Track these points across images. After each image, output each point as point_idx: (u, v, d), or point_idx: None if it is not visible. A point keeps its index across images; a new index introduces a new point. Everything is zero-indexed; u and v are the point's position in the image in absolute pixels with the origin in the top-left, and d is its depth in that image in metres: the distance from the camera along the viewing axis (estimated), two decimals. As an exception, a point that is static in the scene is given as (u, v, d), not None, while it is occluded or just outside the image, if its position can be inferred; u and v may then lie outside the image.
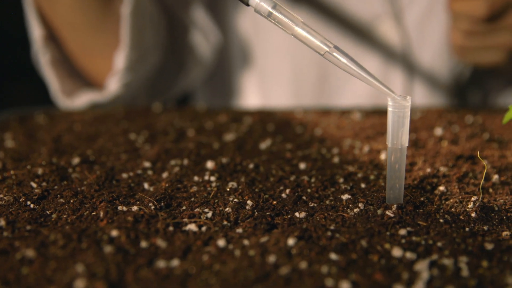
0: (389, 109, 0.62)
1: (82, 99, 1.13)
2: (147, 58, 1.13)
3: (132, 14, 1.03)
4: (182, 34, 1.23)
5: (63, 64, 1.13)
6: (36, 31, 1.09)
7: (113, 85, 1.12)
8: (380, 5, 1.19)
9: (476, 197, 0.66)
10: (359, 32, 1.22)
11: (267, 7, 0.63)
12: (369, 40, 1.22)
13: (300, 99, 1.28)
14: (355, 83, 1.24)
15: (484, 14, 0.97)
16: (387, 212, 0.62)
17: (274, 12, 0.63)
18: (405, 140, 0.63)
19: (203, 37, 1.23)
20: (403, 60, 1.23)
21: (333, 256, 0.54)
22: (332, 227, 0.60)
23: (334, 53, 0.62)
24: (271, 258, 0.53)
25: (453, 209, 0.65)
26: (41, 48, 1.10)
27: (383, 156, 0.80)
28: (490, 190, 0.70)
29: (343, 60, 0.62)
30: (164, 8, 1.20)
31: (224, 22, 1.31)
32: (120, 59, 1.08)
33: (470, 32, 1.03)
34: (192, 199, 0.68)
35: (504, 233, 0.60)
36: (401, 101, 0.62)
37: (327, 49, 0.62)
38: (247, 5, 0.65)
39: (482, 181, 0.68)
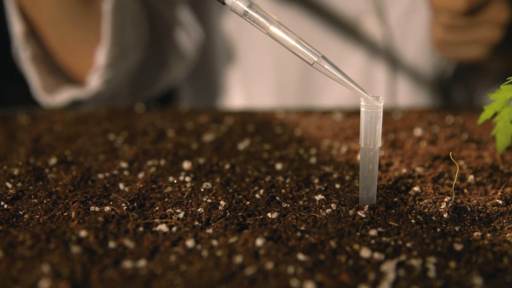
0: (362, 109, 0.62)
1: (63, 96, 1.13)
2: (128, 55, 1.13)
3: (113, 11, 1.03)
4: (165, 31, 1.23)
5: (44, 60, 1.13)
6: (16, 27, 1.09)
7: (94, 82, 1.12)
8: (364, 2, 1.19)
9: (449, 198, 0.66)
10: (344, 28, 1.22)
11: (243, 6, 0.63)
12: (353, 36, 1.22)
13: (284, 97, 1.28)
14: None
15: (463, 8, 0.98)
16: (358, 213, 0.62)
17: (250, 11, 0.63)
18: (378, 140, 0.63)
19: (185, 34, 1.23)
20: (386, 56, 1.23)
21: (301, 256, 0.54)
22: (302, 228, 0.60)
23: (304, 49, 0.62)
24: (238, 259, 0.53)
25: (426, 210, 0.65)
26: (21, 44, 1.09)
27: (360, 157, 0.79)
28: (465, 190, 0.70)
29: (314, 57, 0.62)
30: (146, 5, 1.19)
31: (208, 21, 1.31)
32: (101, 56, 1.08)
33: (450, 26, 1.03)
34: (166, 199, 0.68)
35: (476, 233, 0.60)
36: (374, 102, 0.62)
37: (300, 47, 0.62)
38: (223, 3, 0.65)
39: (454, 182, 0.68)
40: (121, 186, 0.72)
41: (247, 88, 1.32)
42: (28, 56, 1.10)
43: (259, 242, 0.56)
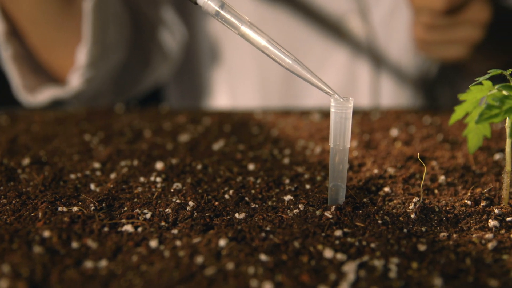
0: (332, 110, 0.62)
1: (44, 95, 1.13)
2: (110, 54, 1.13)
3: (94, 10, 1.03)
4: (148, 30, 1.23)
5: (26, 60, 1.12)
6: None
7: (75, 81, 1.11)
8: (347, 3, 1.20)
9: (417, 199, 0.66)
10: (328, 28, 1.22)
11: (215, 7, 0.63)
12: (337, 36, 1.23)
13: (267, 97, 1.29)
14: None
15: (443, 7, 0.98)
16: (325, 213, 0.62)
17: (221, 12, 0.63)
18: (347, 141, 0.63)
19: (169, 33, 1.23)
20: (370, 55, 1.23)
21: (263, 257, 0.54)
22: (268, 228, 0.59)
23: (275, 50, 0.62)
24: (199, 259, 0.53)
25: (394, 210, 0.65)
26: (3, 43, 1.09)
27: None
28: (436, 191, 0.70)
29: (286, 59, 0.62)
30: (128, 5, 1.19)
31: (193, 21, 1.31)
32: (82, 55, 1.08)
33: (431, 25, 1.03)
34: (135, 200, 0.68)
35: (442, 234, 0.60)
36: (343, 102, 0.62)
37: (272, 48, 0.63)
38: (195, 3, 0.65)
39: (422, 183, 0.68)
40: (92, 186, 0.72)
41: (232, 88, 1.32)
42: (9, 56, 1.10)
43: (222, 242, 0.56)
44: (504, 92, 0.61)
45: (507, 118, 0.61)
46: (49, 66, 1.14)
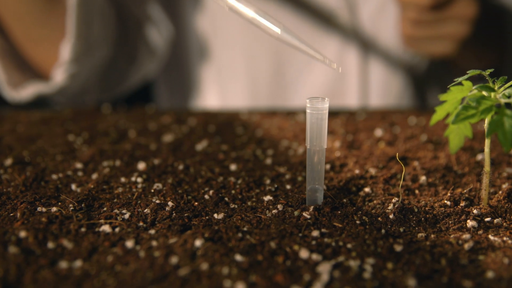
0: (308, 111, 0.62)
1: (28, 90, 1.12)
2: (95, 50, 1.13)
3: (78, 5, 1.02)
4: (134, 27, 1.22)
5: (10, 55, 1.12)
6: None
7: (59, 76, 1.11)
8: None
9: (397, 199, 0.66)
10: (317, 22, 1.22)
11: None
12: (325, 33, 1.23)
13: (256, 96, 1.29)
14: (310, 77, 1.25)
15: (429, 3, 0.98)
16: (304, 214, 0.62)
17: None
18: (323, 141, 0.63)
19: (155, 30, 1.23)
20: (358, 50, 1.23)
21: (238, 257, 0.54)
22: (245, 229, 0.59)
23: (264, 20, 0.63)
24: (174, 259, 0.53)
25: (373, 211, 0.65)
26: None
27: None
28: (416, 191, 0.70)
29: (275, 29, 0.63)
30: (115, 1, 1.19)
31: (182, 19, 1.32)
32: (66, 50, 1.08)
33: (418, 21, 1.04)
34: (115, 200, 0.68)
35: (420, 234, 0.60)
36: (319, 103, 0.62)
37: (259, 18, 0.63)
38: None
39: (401, 183, 0.68)
40: (73, 186, 0.72)
41: (221, 87, 1.32)
42: None
43: (198, 243, 0.56)
44: (484, 93, 0.61)
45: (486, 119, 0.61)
46: (34, 62, 1.13)
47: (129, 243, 0.57)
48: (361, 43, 1.23)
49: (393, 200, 0.66)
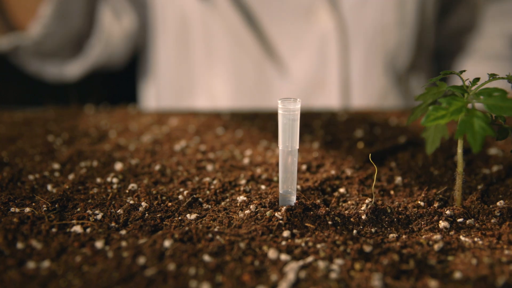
0: (279, 111, 0.62)
1: (5, 40, 1.22)
2: (69, 16, 1.23)
3: None
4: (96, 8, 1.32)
5: None
6: None
7: (35, 29, 1.21)
8: None
9: (370, 200, 0.66)
10: (298, 17, 1.23)
11: None
12: (306, 25, 1.23)
13: (241, 97, 1.29)
14: (293, 66, 1.25)
15: None
16: (276, 214, 0.62)
17: None
18: (295, 142, 0.63)
19: (114, 17, 1.26)
20: (339, 45, 1.23)
21: (207, 258, 0.54)
22: (216, 229, 0.59)
23: None
24: (141, 260, 0.53)
25: (346, 212, 0.64)
26: None
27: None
28: (391, 192, 0.70)
29: None
30: None
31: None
32: (46, 9, 1.18)
33: None
34: (90, 200, 0.68)
35: (391, 235, 0.60)
36: (291, 104, 0.62)
37: None
38: None
39: (374, 184, 0.68)
40: (49, 187, 0.72)
41: (210, 89, 1.32)
42: None
43: (167, 243, 0.56)
44: (457, 93, 0.62)
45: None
46: (14, 15, 1.23)
47: (99, 244, 0.57)
48: (341, 35, 1.23)
49: (366, 201, 0.66)
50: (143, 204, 0.66)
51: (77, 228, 0.60)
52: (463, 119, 0.58)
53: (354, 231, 0.61)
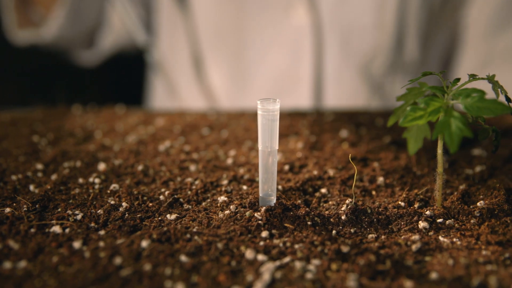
0: (259, 112, 0.62)
1: (24, 34, 1.33)
2: (83, 16, 1.33)
3: None
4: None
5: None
6: None
7: (51, 29, 1.31)
8: None
9: (350, 200, 0.66)
10: (277, 11, 1.23)
11: None
12: (284, 19, 1.23)
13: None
14: (268, 59, 1.25)
15: None
16: (255, 215, 0.62)
17: None
18: (275, 142, 0.63)
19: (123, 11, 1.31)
20: (313, 41, 1.22)
21: (183, 258, 0.54)
22: (194, 230, 0.60)
23: None
24: (118, 260, 0.53)
25: (327, 212, 0.65)
26: None
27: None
28: (373, 192, 0.71)
29: None
30: None
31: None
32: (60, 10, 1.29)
33: None
34: (71, 201, 0.68)
35: (370, 235, 0.60)
36: (270, 105, 0.62)
37: None
38: None
39: (354, 185, 0.68)
40: (32, 187, 0.72)
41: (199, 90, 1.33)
42: None
43: (144, 243, 0.56)
44: (438, 94, 0.62)
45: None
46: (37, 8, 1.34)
47: (77, 244, 0.57)
48: (318, 32, 1.22)
49: (347, 201, 0.66)
50: (124, 204, 0.66)
51: (56, 229, 0.60)
52: (441, 119, 0.58)
53: (334, 232, 0.61)
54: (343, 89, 1.26)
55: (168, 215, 0.64)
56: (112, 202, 0.66)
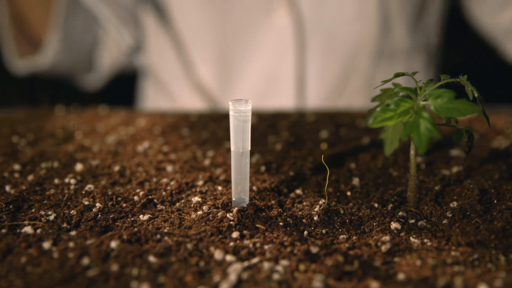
0: (230, 113, 0.63)
1: (22, 64, 1.34)
2: (76, 41, 1.34)
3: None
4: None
5: (16, 29, 1.32)
6: None
7: (47, 56, 1.33)
8: None
9: (323, 201, 0.66)
10: (260, 12, 1.23)
11: None
12: (267, 20, 1.23)
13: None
14: (251, 60, 1.25)
15: None
16: (227, 215, 0.62)
17: None
18: (247, 143, 0.63)
19: (115, 33, 1.30)
20: (296, 40, 1.22)
21: (152, 259, 0.54)
22: (166, 230, 0.60)
23: None
24: (86, 260, 0.53)
25: (300, 212, 0.65)
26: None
27: (253, 159, 0.80)
28: (348, 193, 0.71)
29: None
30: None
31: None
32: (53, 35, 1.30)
33: None
34: (45, 201, 0.68)
35: (342, 236, 0.60)
36: (241, 106, 0.62)
37: None
38: None
39: (326, 185, 0.68)
40: (7, 188, 0.72)
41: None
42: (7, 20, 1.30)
43: (114, 244, 0.56)
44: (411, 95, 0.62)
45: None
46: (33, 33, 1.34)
47: (46, 244, 0.57)
48: (299, 32, 1.22)
49: (320, 202, 0.66)
50: (98, 205, 0.66)
51: (28, 229, 0.60)
52: (410, 120, 0.58)
53: (305, 232, 0.61)
54: (327, 86, 1.26)
55: (141, 216, 0.64)
56: (86, 203, 0.66)
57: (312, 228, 0.62)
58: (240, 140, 0.63)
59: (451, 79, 0.63)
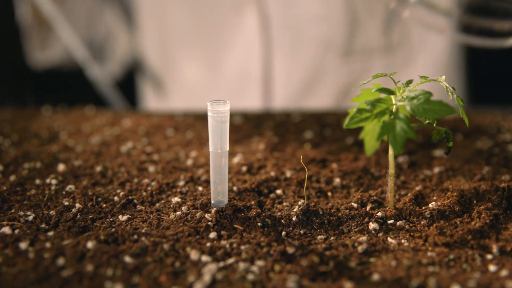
0: (209, 113, 0.63)
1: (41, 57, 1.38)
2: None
3: None
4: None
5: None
6: None
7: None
8: None
9: (303, 201, 0.66)
10: (233, 11, 1.23)
11: None
12: (239, 19, 1.23)
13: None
14: (230, 55, 1.26)
15: None
16: (206, 216, 0.63)
17: None
18: (225, 144, 0.63)
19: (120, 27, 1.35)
20: (262, 40, 1.22)
21: (127, 259, 0.54)
22: (143, 231, 0.60)
23: None
24: (61, 261, 0.54)
25: (279, 213, 0.65)
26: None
27: (235, 160, 0.80)
28: (329, 193, 0.71)
29: None
30: None
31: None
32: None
33: None
34: (25, 202, 0.68)
35: (320, 237, 0.61)
36: (220, 106, 0.62)
37: None
38: None
39: (305, 185, 0.68)
40: (-11, 188, 0.72)
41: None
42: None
43: (90, 244, 0.56)
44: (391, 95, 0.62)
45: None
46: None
47: (23, 245, 0.57)
48: (266, 28, 1.22)
49: (300, 203, 0.66)
50: (77, 205, 0.66)
51: (6, 230, 0.60)
52: (386, 121, 0.58)
53: (283, 233, 0.61)
54: (296, 85, 1.26)
55: (120, 216, 0.64)
56: (66, 203, 0.66)
57: (290, 228, 0.62)
58: (218, 140, 0.63)
59: (430, 79, 0.63)
